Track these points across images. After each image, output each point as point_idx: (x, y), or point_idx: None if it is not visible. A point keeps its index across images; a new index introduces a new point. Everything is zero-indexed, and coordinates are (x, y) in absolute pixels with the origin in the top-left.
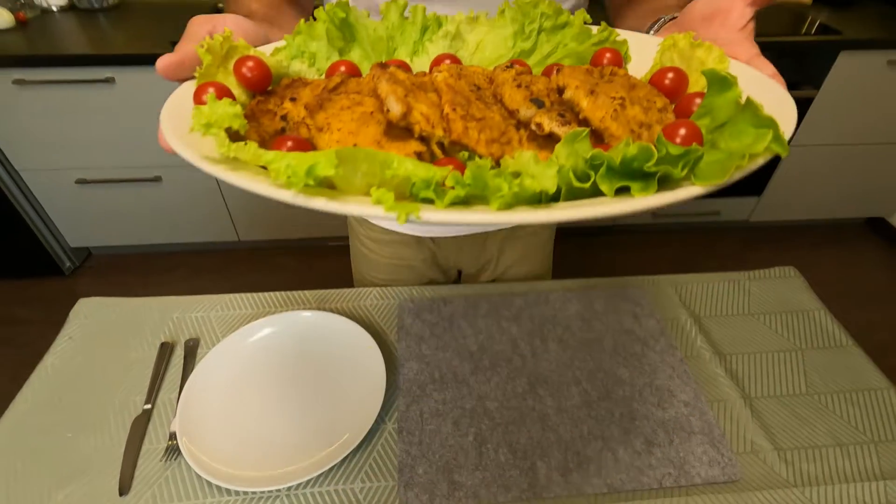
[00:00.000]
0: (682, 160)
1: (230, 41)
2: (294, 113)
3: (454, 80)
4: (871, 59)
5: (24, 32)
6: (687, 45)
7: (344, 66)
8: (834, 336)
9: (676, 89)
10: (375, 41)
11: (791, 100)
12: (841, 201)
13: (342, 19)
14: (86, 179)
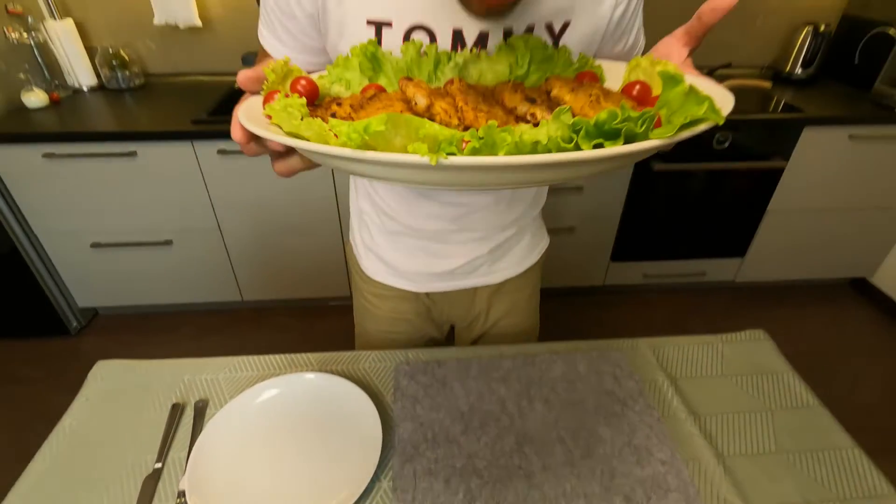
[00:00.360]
0: (641, 119)
1: (288, 66)
2: (341, 112)
3: (465, 88)
4: (833, 134)
5: (56, 110)
6: (648, 64)
7: (374, 88)
8: (801, 397)
9: (643, 98)
10: (397, 71)
11: (727, 92)
12: (823, 263)
13: (372, 53)
14: (100, 243)
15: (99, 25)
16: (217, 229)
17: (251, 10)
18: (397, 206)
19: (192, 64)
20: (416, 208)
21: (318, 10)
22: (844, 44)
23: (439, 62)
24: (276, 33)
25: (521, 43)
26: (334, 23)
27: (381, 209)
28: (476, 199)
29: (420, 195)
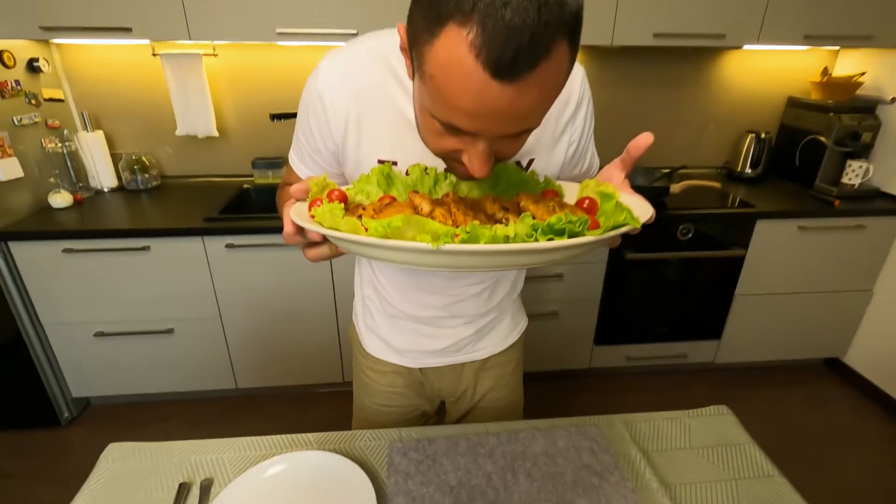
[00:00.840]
0: (579, 222)
1: (326, 181)
2: (366, 214)
3: (457, 199)
4: (784, 226)
5: (78, 210)
6: (595, 184)
7: (388, 198)
8: (763, 468)
9: (591, 209)
10: (406, 186)
11: (649, 205)
12: (796, 344)
13: (387, 174)
14: (104, 332)
15: (125, 135)
16: (218, 318)
17: (260, 122)
18: (397, 296)
19: (205, 167)
20: (413, 297)
21: (338, 150)
22: (785, 148)
23: (438, 180)
24: (305, 161)
25: (501, 168)
26: (352, 160)
27: (382, 296)
28: (463, 290)
29: (416, 287)
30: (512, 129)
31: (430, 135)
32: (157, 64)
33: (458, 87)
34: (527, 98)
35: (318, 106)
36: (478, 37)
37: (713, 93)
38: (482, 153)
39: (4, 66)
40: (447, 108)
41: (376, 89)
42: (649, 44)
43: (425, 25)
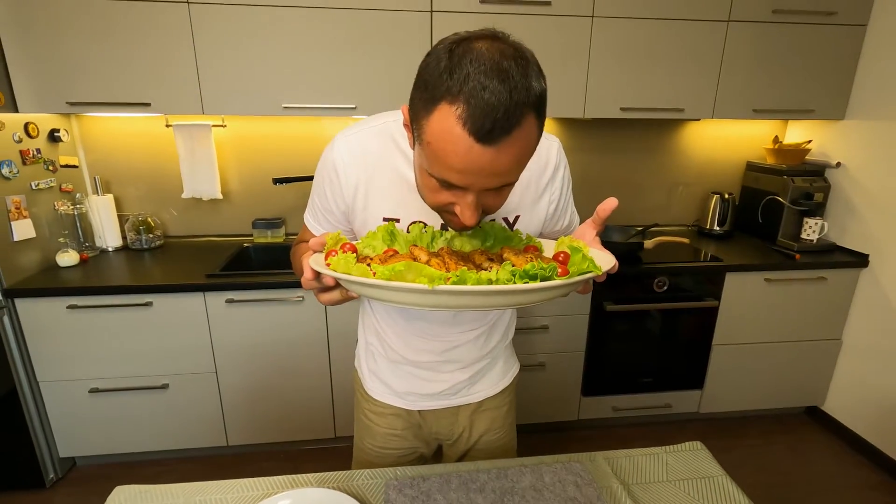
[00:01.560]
0: (549, 268)
1: (339, 236)
2: (373, 263)
3: (450, 252)
4: (752, 278)
5: (84, 268)
6: (568, 240)
7: (391, 251)
8: (734, 497)
9: (565, 261)
10: (406, 242)
11: (613, 258)
12: (776, 393)
13: (390, 231)
14: (99, 388)
15: (132, 198)
16: (214, 373)
17: (262, 185)
18: (398, 342)
19: (207, 227)
20: (413, 344)
21: (349, 210)
22: (748, 207)
23: (434, 237)
24: (318, 220)
25: (489, 226)
26: (360, 220)
27: (385, 342)
28: (459, 337)
29: (416, 334)
30: (494, 182)
31: (427, 192)
32: (169, 133)
33: (450, 150)
34: (504, 157)
35: (332, 174)
36: (464, 112)
37: (680, 158)
38: (471, 205)
39: (28, 136)
40: (442, 167)
41: (382, 159)
42: (617, 116)
43: (422, 105)
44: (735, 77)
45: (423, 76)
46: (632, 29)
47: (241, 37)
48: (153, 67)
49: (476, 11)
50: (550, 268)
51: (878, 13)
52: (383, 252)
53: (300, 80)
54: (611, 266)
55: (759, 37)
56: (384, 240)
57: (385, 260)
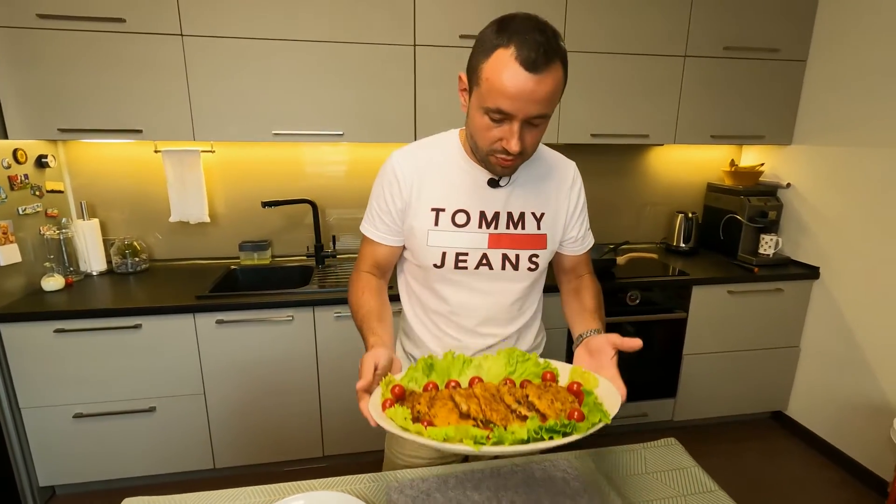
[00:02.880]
0: (569, 426)
1: (389, 379)
2: (422, 409)
3: (482, 391)
4: (716, 291)
5: (69, 292)
6: (580, 371)
7: (431, 384)
8: (705, 484)
9: (577, 392)
10: (441, 370)
11: (618, 397)
12: (744, 399)
13: (429, 364)
14: (83, 413)
15: (118, 222)
16: (202, 394)
17: (249, 209)
18: (437, 348)
19: (192, 251)
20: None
21: (405, 205)
22: (710, 225)
23: (464, 363)
24: (375, 224)
25: (509, 352)
26: (413, 210)
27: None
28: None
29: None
30: (534, 109)
31: (480, 132)
32: (156, 158)
33: (504, 79)
34: (543, 86)
35: (392, 178)
36: (515, 51)
37: (647, 180)
38: (516, 133)
39: (17, 161)
40: (497, 96)
41: (430, 164)
42: (588, 142)
43: (481, 56)
44: (693, 106)
45: (479, 42)
46: (600, 63)
47: (233, 67)
48: (146, 96)
49: (456, 45)
50: (571, 425)
51: (816, 49)
52: (424, 387)
53: (290, 108)
54: (619, 406)
55: (713, 70)
56: (424, 372)
57: (430, 401)
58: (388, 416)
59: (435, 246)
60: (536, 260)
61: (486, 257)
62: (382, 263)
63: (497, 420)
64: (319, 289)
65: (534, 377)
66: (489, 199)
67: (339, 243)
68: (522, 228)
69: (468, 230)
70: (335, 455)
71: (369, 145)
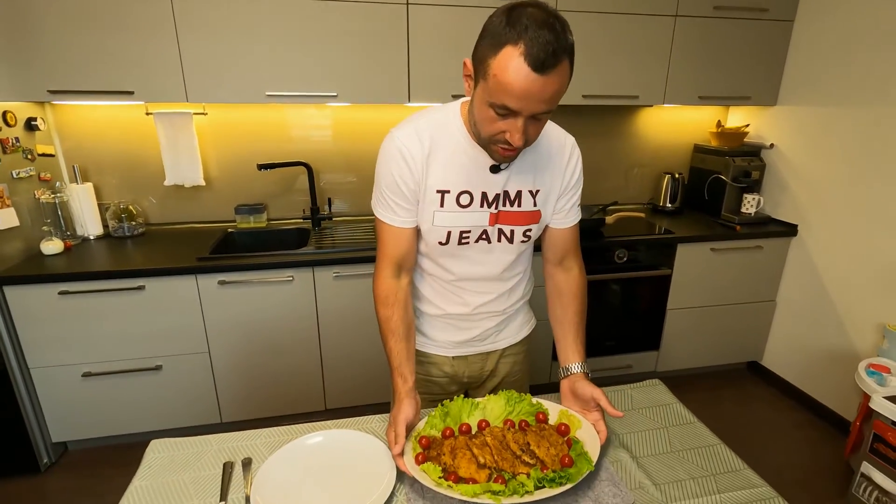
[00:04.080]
0: (564, 476)
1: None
2: (447, 459)
3: (491, 438)
4: (700, 248)
5: (68, 256)
6: (566, 413)
7: (448, 430)
8: (685, 417)
9: (565, 431)
10: (454, 415)
11: (597, 440)
12: (722, 351)
13: (445, 412)
14: (91, 372)
15: (112, 186)
16: (207, 353)
17: (244, 172)
18: (443, 304)
19: (188, 215)
20: (449, 300)
21: (417, 186)
22: (696, 185)
23: (472, 407)
24: (387, 208)
25: (507, 393)
26: (421, 190)
27: (426, 301)
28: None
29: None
30: (540, 108)
31: (485, 123)
32: (148, 121)
33: (512, 78)
34: (549, 86)
35: (399, 159)
36: (524, 50)
37: (635, 142)
38: (520, 128)
39: (7, 124)
40: (503, 94)
41: (436, 147)
42: (580, 103)
43: (489, 50)
44: (682, 67)
45: (487, 31)
46: (592, 22)
47: (224, 26)
48: (136, 56)
49: (451, 4)
50: (566, 474)
51: (803, 10)
52: (442, 433)
53: (283, 69)
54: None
55: (703, 30)
56: (441, 419)
57: (452, 450)
58: (421, 470)
59: (440, 226)
60: (529, 234)
61: (485, 233)
62: (404, 255)
63: (506, 467)
64: (317, 249)
65: (528, 416)
66: (491, 180)
67: (334, 206)
68: (519, 206)
69: (471, 210)
70: (337, 408)
71: (363, 108)
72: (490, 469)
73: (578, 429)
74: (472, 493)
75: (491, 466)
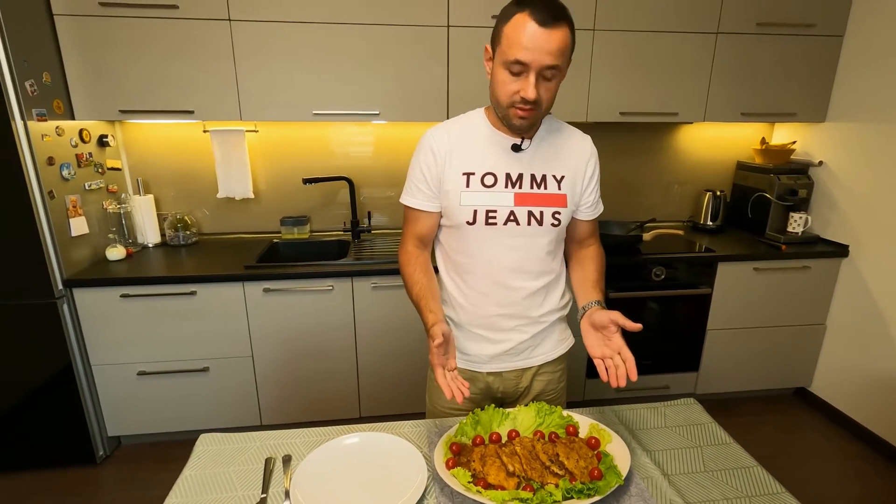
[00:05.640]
0: (593, 488)
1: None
2: (477, 466)
3: (521, 448)
4: (742, 268)
5: (130, 262)
6: (597, 427)
7: (479, 439)
8: (721, 438)
9: (595, 444)
10: (485, 423)
11: (628, 455)
12: (766, 375)
13: (477, 420)
14: (146, 371)
15: (170, 198)
16: (250, 357)
17: (290, 185)
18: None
19: (237, 225)
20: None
21: (441, 174)
22: (739, 203)
23: (504, 417)
24: (413, 194)
25: (538, 405)
26: (446, 176)
27: (454, 306)
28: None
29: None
30: (547, 60)
31: (501, 87)
32: (204, 137)
33: (521, 32)
34: (553, 40)
35: (429, 151)
36: (529, 12)
37: (675, 158)
38: (532, 82)
39: (83, 141)
40: (515, 48)
41: (459, 137)
42: (617, 120)
43: (501, 22)
44: (723, 83)
45: (500, 15)
46: (629, 41)
47: (276, 51)
48: (197, 79)
49: (488, 26)
50: (595, 487)
51: (853, 26)
52: (473, 441)
53: (328, 89)
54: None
55: (746, 47)
56: (472, 426)
57: (481, 457)
58: (451, 474)
59: (467, 205)
60: (559, 217)
61: (513, 214)
62: (424, 234)
63: (535, 477)
64: (356, 261)
65: (558, 428)
66: (514, 161)
67: (373, 219)
68: (545, 188)
69: (496, 190)
70: (371, 416)
71: (403, 126)
72: (519, 478)
73: (608, 443)
74: (501, 499)
75: (520, 475)
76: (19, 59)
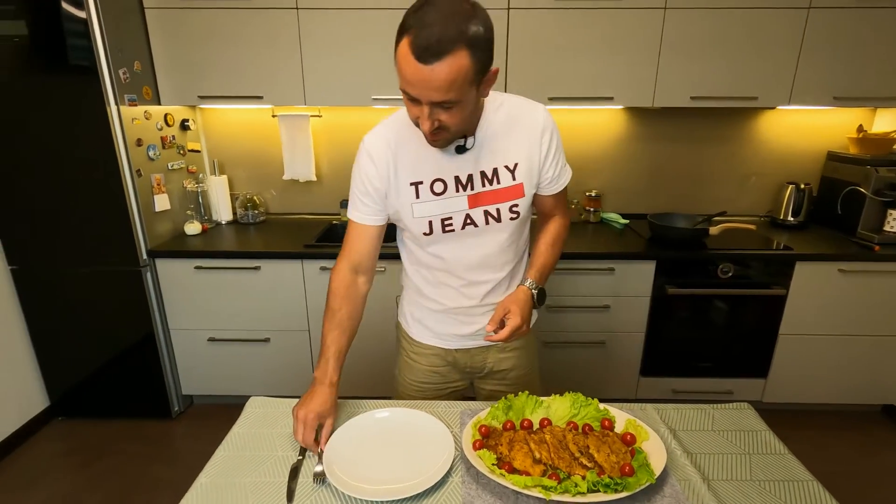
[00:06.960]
0: (621, 483)
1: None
2: (504, 450)
3: (551, 437)
4: (824, 268)
5: (205, 237)
6: (634, 423)
7: (509, 423)
8: (775, 447)
9: (631, 441)
10: (517, 409)
11: (664, 454)
12: (848, 388)
13: (508, 405)
14: (215, 338)
15: (241, 179)
16: (307, 331)
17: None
18: (444, 299)
19: (301, 206)
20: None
21: (387, 185)
22: (827, 198)
23: (536, 405)
24: (356, 207)
25: (573, 396)
26: (393, 188)
27: (427, 297)
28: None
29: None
30: (434, 96)
31: (407, 109)
32: (273, 122)
33: (404, 66)
34: (437, 76)
35: (369, 162)
36: (411, 41)
37: (752, 148)
38: (426, 116)
39: (167, 124)
40: (402, 81)
41: (399, 142)
42: (687, 105)
43: (397, 36)
44: (814, 64)
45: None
46: (704, 18)
47: (338, 40)
48: (266, 66)
49: (550, 7)
50: (624, 482)
51: None
52: (503, 425)
53: (386, 75)
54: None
55: (842, 22)
56: (504, 411)
57: (509, 443)
58: (477, 455)
59: (420, 217)
60: (517, 209)
61: (469, 217)
62: (363, 257)
63: (563, 467)
64: None
65: (593, 420)
66: (461, 162)
67: None
68: (498, 183)
69: (447, 196)
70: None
71: None
72: (545, 465)
73: (645, 440)
74: (524, 484)
75: (547, 463)
76: (115, 48)
